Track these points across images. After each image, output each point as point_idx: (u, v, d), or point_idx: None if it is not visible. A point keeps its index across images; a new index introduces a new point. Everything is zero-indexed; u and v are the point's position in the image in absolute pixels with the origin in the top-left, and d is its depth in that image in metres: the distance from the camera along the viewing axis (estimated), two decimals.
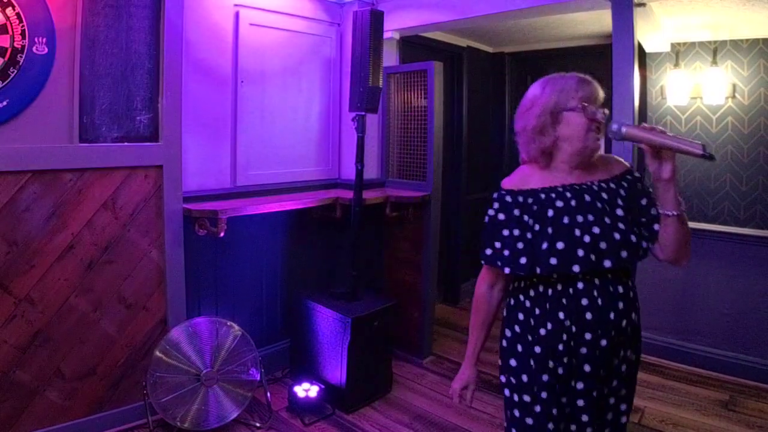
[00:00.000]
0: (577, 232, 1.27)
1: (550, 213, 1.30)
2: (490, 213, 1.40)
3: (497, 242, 1.36)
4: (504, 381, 1.43)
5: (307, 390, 2.60)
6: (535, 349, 1.33)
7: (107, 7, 2.22)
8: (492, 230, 1.38)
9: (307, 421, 2.56)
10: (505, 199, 1.37)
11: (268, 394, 2.63)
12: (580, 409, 1.31)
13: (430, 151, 3.15)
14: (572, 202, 1.30)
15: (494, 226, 1.38)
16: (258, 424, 2.52)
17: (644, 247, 1.29)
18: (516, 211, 1.34)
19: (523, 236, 1.32)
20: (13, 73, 1.98)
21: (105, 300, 2.33)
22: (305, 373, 2.84)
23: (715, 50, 3.13)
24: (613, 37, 2.35)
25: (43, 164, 2.10)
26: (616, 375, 1.34)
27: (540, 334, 1.32)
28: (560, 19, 3.30)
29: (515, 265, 1.31)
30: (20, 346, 2.12)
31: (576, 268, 1.25)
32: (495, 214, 1.38)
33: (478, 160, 4.42)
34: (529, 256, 1.29)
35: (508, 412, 1.41)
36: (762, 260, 2.99)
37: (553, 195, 1.33)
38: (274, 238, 3.05)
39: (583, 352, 1.28)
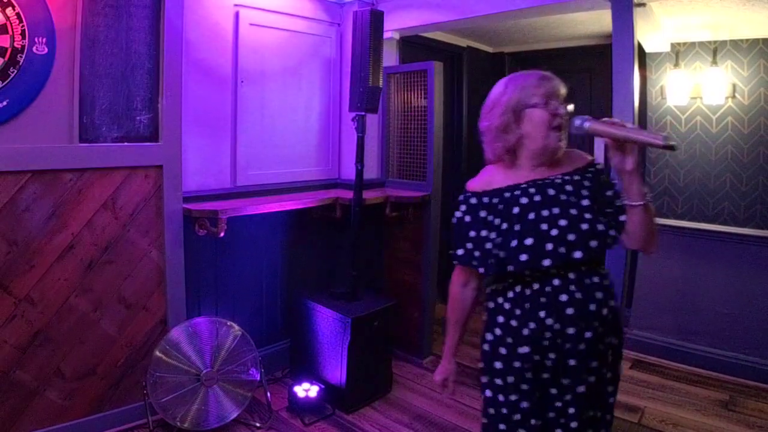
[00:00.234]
0: (544, 227, 1.28)
1: (516, 210, 1.32)
2: (457, 215, 1.42)
3: (468, 243, 1.38)
4: (486, 381, 1.45)
5: (307, 390, 2.60)
6: (520, 350, 1.34)
7: (107, 7, 2.22)
8: (460, 232, 1.40)
9: (307, 421, 2.56)
10: (470, 201, 1.40)
11: (268, 394, 2.63)
12: (567, 403, 1.33)
13: (430, 151, 3.15)
14: (536, 198, 1.32)
15: (462, 228, 1.40)
16: (258, 424, 2.52)
17: (612, 235, 1.30)
18: (482, 213, 1.37)
19: (492, 236, 1.34)
20: (13, 73, 1.98)
21: (105, 300, 2.33)
22: (305, 373, 2.84)
23: (715, 50, 3.13)
24: (613, 37, 2.35)
25: (43, 164, 2.10)
26: (603, 362, 1.36)
27: (523, 334, 1.32)
28: (560, 19, 3.30)
29: (486, 265, 1.33)
30: (20, 346, 2.12)
31: (547, 262, 1.26)
32: (462, 216, 1.41)
33: (478, 160, 4.38)
34: (499, 256, 1.31)
35: (491, 410, 1.43)
36: (762, 260, 2.99)
37: (517, 192, 1.34)
38: (274, 238, 3.05)
39: (567, 348, 1.30)
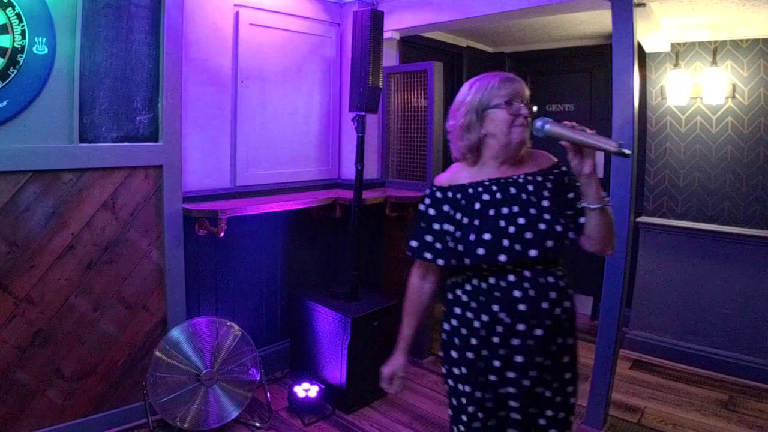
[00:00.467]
0: (503, 223, 1.33)
1: (477, 206, 1.37)
2: (421, 208, 1.47)
3: (427, 235, 1.42)
4: (445, 372, 1.50)
5: (307, 390, 2.60)
6: (472, 341, 1.39)
7: (107, 7, 2.22)
8: (419, 224, 1.45)
9: (307, 421, 2.56)
10: (436, 195, 1.44)
11: (268, 394, 2.63)
12: (511, 396, 1.37)
13: (430, 151, 3.15)
14: (497, 195, 1.37)
15: (423, 220, 1.44)
16: (258, 424, 2.52)
17: (570, 237, 1.34)
18: (445, 207, 1.41)
19: (452, 230, 1.38)
20: (13, 73, 1.98)
21: (105, 300, 2.33)
22: (305, 373, 2.84)
23: (715, 50, 3.13)
24: (613, 37, 2.35)
25: (43, 164, 2.11)
26: (558, 363, 1.40)
27: (475, 326, 1.37)
28: (560, 19, 3.30)
29: (445, 256, 1.38)
30: (20, 346, 2.12)
31: (502, 258, 1.31)
32: (425, 209, 1.45)
33: None
34: (457, 249, 1.36)
35: (454, 400, 1.48)
36: (762, 260, 2.99)
37: (480, 189, 1.39)
38: (274, 238, 3.05)
39: (515, 344, 1.34)
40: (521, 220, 1.32)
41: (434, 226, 1.41)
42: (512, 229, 1.32)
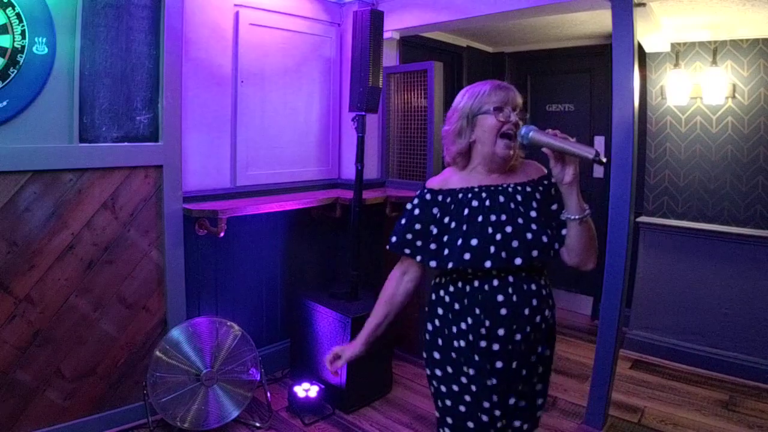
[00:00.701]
0: (490, 230, 1.35)
1: (466, 212, 1.38)
2: (408, 207, 1.48)
3: (407, 233, 1.44)
4: (429, 373, 1.50)
5: (307, 390, 2.60)
6: (455, 343, 1.40)
7: (107, 7, 2.22)
8: (402, 221, 1.47)
9: (307, 421, 2.56)
10: (426, 197, 1.46)
11: (268, 394, 2.63)
12: (494, 405, 1.38)
13: (430, 151, 3.15)
14: (487, 202, 1.39)
15: (406, 218, 1.46)
16: (258, 424, 2.52)
17: (556, 248, 1.36)
18: (434, 209, 1.43)
19: (439, 233, 1.40)
20: (13, 73, 1.98)
21: (105, 300, 2.33)
22: (305, 373, 2.84)
23: (715, 50, 3.13)
24: (613, 37, 2.35)
25: (43, 164, 2.11)
26: (533, 372, 1.42)
27: (461, 328, 1.39)
28: (560, 19, 3.30)
29: (424, 256, 1.40)
30: (20, 346, 2.12)
31: (488, 264, 1.32)
32: (412, 209, 1.46)
33: None
34: (444, 252, 1.37)
35: (439, 402, 1.48)
36: (762, 260, 2.99)
37: (470, 195, 1.41)
38: (274, 238, 3.05)
39: (495, 349, 1.35)
40: (508, 229, 1.34)
41: (416, 226, 1.43)
42: (499, 237, 1.33)
